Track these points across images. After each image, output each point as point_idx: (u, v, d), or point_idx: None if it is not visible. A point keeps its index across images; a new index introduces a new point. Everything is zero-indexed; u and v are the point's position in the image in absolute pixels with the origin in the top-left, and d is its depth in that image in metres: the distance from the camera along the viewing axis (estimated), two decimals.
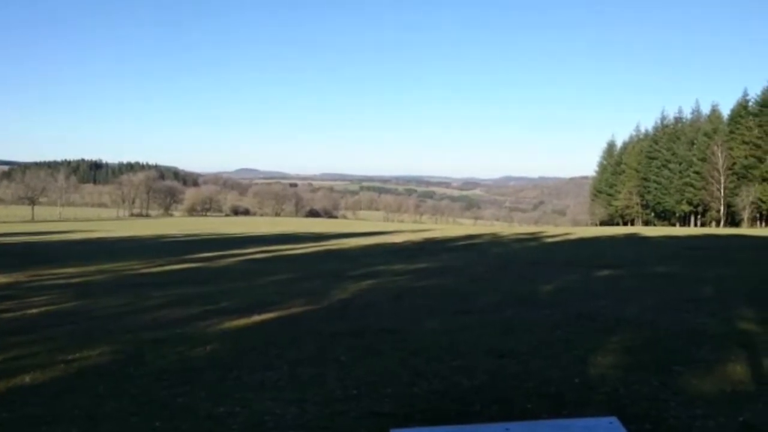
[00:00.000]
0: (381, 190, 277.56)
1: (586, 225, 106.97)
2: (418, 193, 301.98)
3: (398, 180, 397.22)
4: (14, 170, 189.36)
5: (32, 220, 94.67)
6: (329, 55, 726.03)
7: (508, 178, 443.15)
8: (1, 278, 16.84)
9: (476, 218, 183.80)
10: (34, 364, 7.14)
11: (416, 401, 5.59)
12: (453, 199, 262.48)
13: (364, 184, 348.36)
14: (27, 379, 6.57)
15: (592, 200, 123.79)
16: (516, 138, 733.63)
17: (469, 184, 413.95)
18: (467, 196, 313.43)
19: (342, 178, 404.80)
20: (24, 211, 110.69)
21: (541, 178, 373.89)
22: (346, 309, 11.02)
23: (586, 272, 16.52)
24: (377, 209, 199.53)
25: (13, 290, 14.48)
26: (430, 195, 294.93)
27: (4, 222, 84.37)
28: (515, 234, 40.75)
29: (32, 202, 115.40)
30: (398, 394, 5.80)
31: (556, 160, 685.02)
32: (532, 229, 60.62)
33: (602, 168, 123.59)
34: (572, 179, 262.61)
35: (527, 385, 5.96)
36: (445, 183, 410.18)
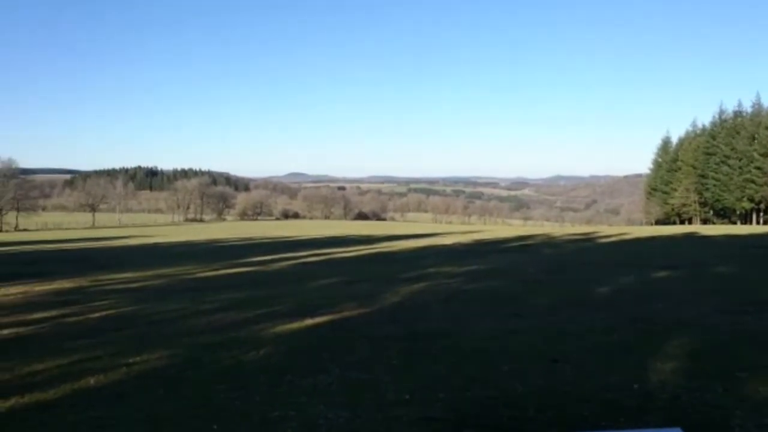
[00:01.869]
0: (429, 192, 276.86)
1: (642, 224, 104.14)
2: (466, 194, 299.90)
3: (446, 181, 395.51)
4: (76, 178, 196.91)
5: (93, 226, 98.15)
6: (374, 59, 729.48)
7: (559, 178, 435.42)
8: (66, 283, 17.51)
9: (526, 219, 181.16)
10: (97, 368, 7.38)
11: (469, 406, 5.54)
12: (501, 199, 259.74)
13: (412, 185, 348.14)
14: (91, 381, 6.80)
15: (647, 199, 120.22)
16: (566, 136, 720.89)
17: (518, 184, 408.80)
18: (516, 197, 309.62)
19: (389, 180, 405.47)
20: (85, 217, 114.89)
21: (593, 177, 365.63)
22: (397, 312, 11.02)
23: (643, 273, 16.07)
24: (425, 211, 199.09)
25: (77, 295, 15.03)
26: (478, 196, 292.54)
27: (67, 228, 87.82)
28: (568, 234, 40.01)
29: (93, 208, 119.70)
30: (451, 399, 5.76)
31: (609, 158, 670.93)
32: (585, 229, 59.39)
33: (657, 165, 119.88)
34: (626, 177, 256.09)
35: (583, 390, 5.83)
36: (493, 183, 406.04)
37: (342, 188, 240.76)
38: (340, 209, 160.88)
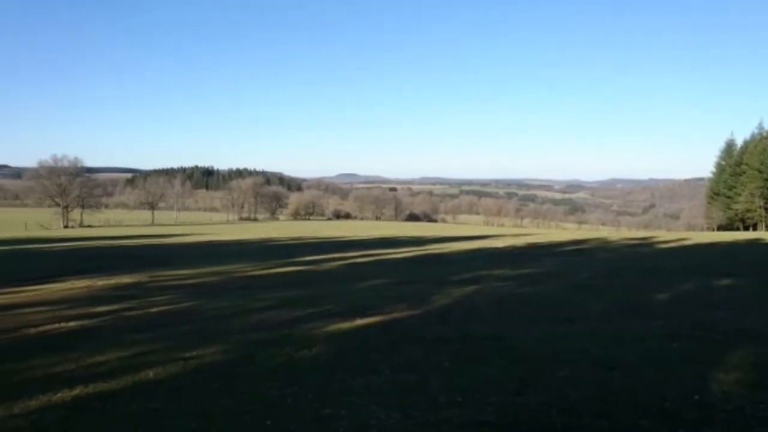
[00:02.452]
0: (480, 194, 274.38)
1: (703, 230, 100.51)
2: (519, 196, 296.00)
3: (498, 183, 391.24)
4: (136, 177, 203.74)
5: (152, 224, 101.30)
6: (426, 61, 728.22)
7: (615, 180, 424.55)
8: (126, 278, 18.14)
9: (580, 222, 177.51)
10: (156, 361, 7.62)
11: (521, 411, 5.47)
12: (555, 202, 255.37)
13: (464, 187, 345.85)
14: (150, 374, 7.03)
15: (709, 203, 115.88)
16: (623, 138, 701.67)
17: (573, 186, 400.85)
18: (571, 200, 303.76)
19: (441, 181, 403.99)
20: (145, 215, 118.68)
21: (652, 180, 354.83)
22: (448, 314, 10.97)
23: (704, 280, 15.52)
24: (477, 213, 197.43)
25: (137, 290, 15.55)
26: (532, 198, 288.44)
27: (128, 225, 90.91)
28: (625, 239, 38.97)
29: (152, 206, 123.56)
30: (503, 403, 5.69)
31: (668, 160, 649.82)
32: (642, 233, 57.80)
33: (720, 169, 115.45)
34: (686, 181, 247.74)
35: (640, 399, 5.67)
36: (547, 186, 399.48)
37: (393, 189, 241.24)
38: (391, 210, 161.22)
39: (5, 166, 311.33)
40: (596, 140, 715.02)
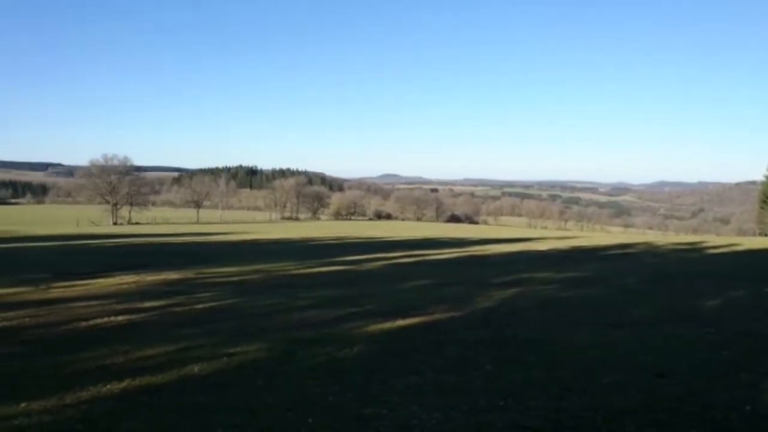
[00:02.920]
0: (523, 196, 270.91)
1: (755, 235, 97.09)
2: (563, 198, 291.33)
3: (541, 185, 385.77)
4: (183, 176, 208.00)
5: (197, 222, 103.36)
6: (471, 61, 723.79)
7: (663, 183, 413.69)
8: (173, 275, 18.55)
9: (626, 226, 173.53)
10: (201, 356, 7.77)
11: (565, 417, 5.38)
12: (600, 205, 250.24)
13: (506, 189, 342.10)
14: (196, 369, 7.17)
15: (762, 208, 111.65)
16: (672, 139, 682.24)
17: (619, 189, 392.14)
18: (616, 202, 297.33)
19: (483, 183, 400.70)
20: (190, 213, 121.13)
21: (701, 183, 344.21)
22: (490, 317, 10.88)
23: (756, 287, 14.99)
24: (519, 215, 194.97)
25: (183, 286, 15.88)
26: (576, 201, 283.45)
27: (174, 223, 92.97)
28: (672, 243, 37.94)
29: (197, 205, 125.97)
30: (546, 408, 5.62)
31: (719, 163, 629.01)
32: (691, 238, 56.13)
33: None
34: (737, 185, 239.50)
35: (689, 408, 5.51)
36: (592, 188, 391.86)
37: (435, 190, 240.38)
38: (433, 211, 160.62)
39: (59, 165, 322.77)
40: (644, 142, 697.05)
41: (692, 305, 12.23)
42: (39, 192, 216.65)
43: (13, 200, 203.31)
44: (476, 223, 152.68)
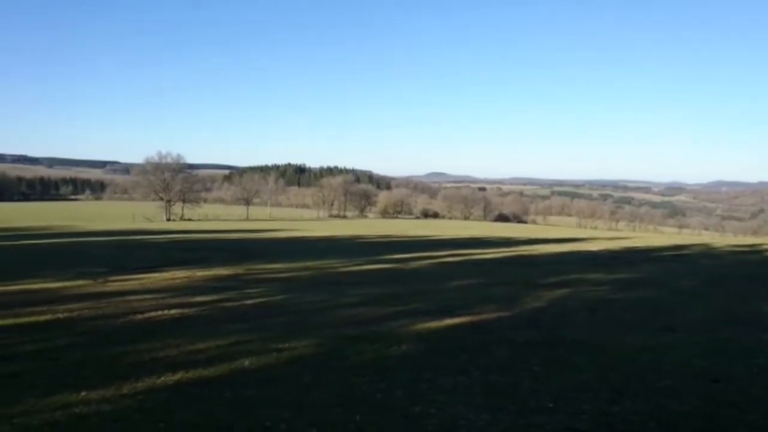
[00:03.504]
0: (573, 195, 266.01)
1: None
2: (614, 198, 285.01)
3: (592, 184, 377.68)
4: (233, 174, 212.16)
5: (247, 219, 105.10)
6: (518, 59, 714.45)
7: (720, 183, 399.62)
8: (223, 270, 18.92)
9: (681, 227, 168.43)
10: (251, 351, 7.91)
11: (616, 421, 5.27)
12: (654, 205, 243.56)
13: (555, 188, 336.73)
14: (246, 363, 7.30)
15: None
16: (730, 137, 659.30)
17: (673, 189, 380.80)
18: (670, 203, 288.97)
19: (532, 182, 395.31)
20: (240, 210, 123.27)
21: (762, 183, 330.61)
22: (538, 318, 10.72)
23: None
24: (569, 215, 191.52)
25: (233, 282, 16.18)
26: (628, 201, 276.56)
27: (224, 220, 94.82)
28: (730, 245, 36.60)
29: (247, 202, 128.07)
30: (597, 411, 5.51)
31: None
32: (750, 240, 54.07)
33: None
34: None
35: (748, 416, 5.32)
36: (645, 188, 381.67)
37: (483, 189, 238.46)
38: (480, 210, 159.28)
39: (116, 162, 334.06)
40: (700, 140, 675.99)
41: (750, 309, 11.79)
42: (97, 189, 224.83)
43: (73, 196, 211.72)
44: (524, 222, 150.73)
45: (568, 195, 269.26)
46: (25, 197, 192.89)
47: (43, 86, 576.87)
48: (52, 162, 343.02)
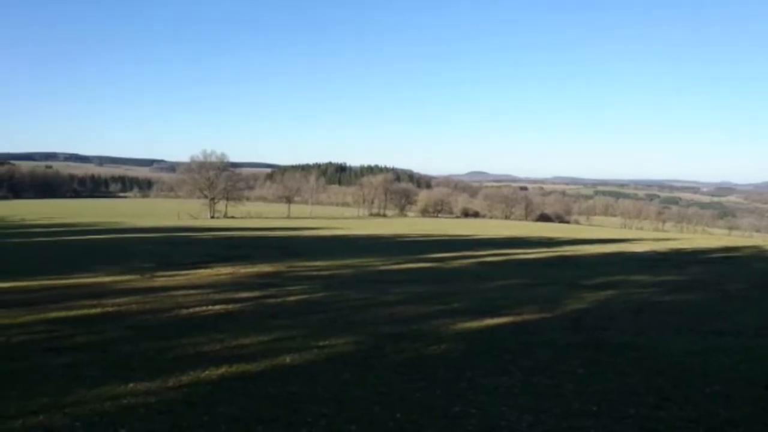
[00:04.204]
0: (618, 195, 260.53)
1: None
2: (661, 198, 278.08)
3: (637, 184, 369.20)
4: (275, 172, 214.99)
5: (288, 217, 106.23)
6: (564, 55, 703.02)
7: None
8: (266, 267, 19.19)
9: (731, 228, 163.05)
10: (293, 347, 7.99)
11: (663, 427, 5.15)
12: (702, 205, 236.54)
13: (599, 188, 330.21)
14: (287, 359, 7.39)
15: None
16: None
17: (723, 189, 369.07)
18: (720, 203, 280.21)
19: (575, 181, 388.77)
20: (282, 208, 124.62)
21: None
22: (581, 320, 10.54)
23: None
24: (613, 215, 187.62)
25: (276, 279, 16.39)
26: (675, 201, 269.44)
27: (266, 218, 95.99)
28: None
29: (288, 200, 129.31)
30: (642, 416, 5.39)
31: None
32: None
33: None
34: None
35: None
36: (693, 188, 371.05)
37: (524, 188, 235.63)
38: (522, 210, 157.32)
39: (162, 161, 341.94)
40: (751, 139, 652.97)
41: None
42: (144, 186, 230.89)
43: (121, 194, 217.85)
44: (567, 222, 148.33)
45: (612, 195, 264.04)
46: (77, 194, 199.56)
47: (94, 88, 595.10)
48: (102, 160, 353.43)
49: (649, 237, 55.48)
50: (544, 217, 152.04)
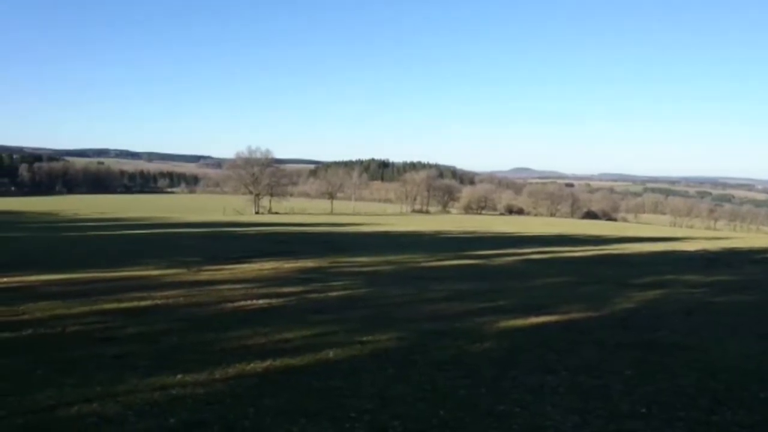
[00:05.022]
0: (668, 192, 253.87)
1: None
2: (713, 196, 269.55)
3: (688, 181, 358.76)
4: (318, 168, 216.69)
5: (331, 213, 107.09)
6: (611, 49, 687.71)
7: None
8: (309, 263, 19.35)
9: None
10: (336, 342, 8.04)
11: (715, 431, 4.98)
12: (757, 203, 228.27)
13: (649, 185, 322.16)
14: (330, 354, 7.43)
15: None
16: None
17: None
18: None
19: (623, 178, 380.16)
20: (325, 204, 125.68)
21: None
22: (630, 319, 10.30)
23: None
24: (663, 213, 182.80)
25: (318, 274, 16.51)
26: (728, 199, 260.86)
27: (310, 213, 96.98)
28: None
29: (331, 196, 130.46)
30: (694, 420, 5.23)
31: None
32: None
33: None
34: None
35: None
36: (747, 185, 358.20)
37: (570, 185, 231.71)
38: (567, 207, 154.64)
39: (209, 157, 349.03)
40: None
41: None
42: (191, 182, 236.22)
43: (169, 189, 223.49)
44: (615, 220, 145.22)
45: (662, 192, 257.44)
46: (127, 189, 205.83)
47: (144, 86, 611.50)
48: (151, 156, 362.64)
49: (700, 236, 53.91)
50: (590, 215, 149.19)
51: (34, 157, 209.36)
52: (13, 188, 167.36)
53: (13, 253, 21.10)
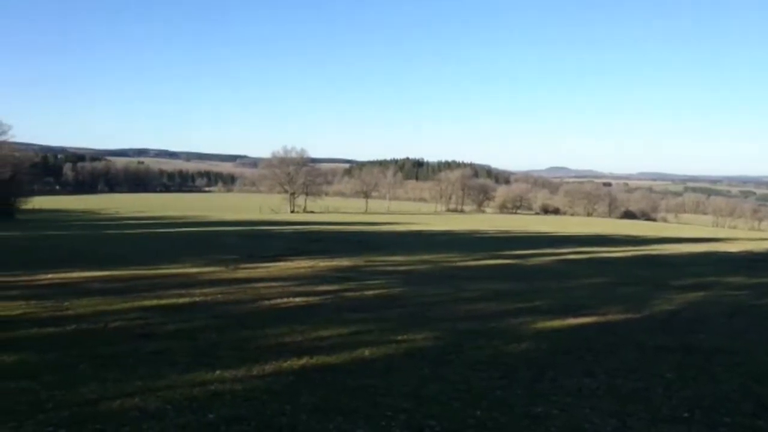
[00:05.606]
0: (709, 192, 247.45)
1: None
2: (757, 196, 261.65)
3: (731, 181, 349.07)
4: (353, 168, 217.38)
5: (366, 212, 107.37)
6: (650, 45, 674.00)
7: None
8: (344, 261, 19.45)
9: None
10: (370, 341, 8.06)
11: None
12: None
13: (689, 184, 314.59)
14: (366, 352, 7.45)
15: None
16: None
17: None
18: None
19: (662, 177, 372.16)
20: (360, 203, 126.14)
21: None
22: (670, 321, 10.09)
23: None
24: (704, 213, 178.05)
25: (354, 273, 16.58)
26: None
27: (344, 212, 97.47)
28: None
29: (366, 195, 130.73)
30: (738, 425, 5.09)
31: None
32: None
33: None
34: None
35: None
36: None
37: (607, 184, 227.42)
38: (605, 206, 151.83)
39: (245, 156, 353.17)
40: None
41: None
42: (228, 181, 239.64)
43: (207, 188, 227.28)
44: (654, 220, 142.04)
45: (703, 192, 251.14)
46: (166, 188, 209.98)
47: (182, 88, 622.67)
48: (189, 156, 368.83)
49: (743, 236, 52.49)
50: (628, 215, 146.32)
51: (77, 157, 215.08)
52: (57, 187, 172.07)
53: (59, 251, 21.72)
